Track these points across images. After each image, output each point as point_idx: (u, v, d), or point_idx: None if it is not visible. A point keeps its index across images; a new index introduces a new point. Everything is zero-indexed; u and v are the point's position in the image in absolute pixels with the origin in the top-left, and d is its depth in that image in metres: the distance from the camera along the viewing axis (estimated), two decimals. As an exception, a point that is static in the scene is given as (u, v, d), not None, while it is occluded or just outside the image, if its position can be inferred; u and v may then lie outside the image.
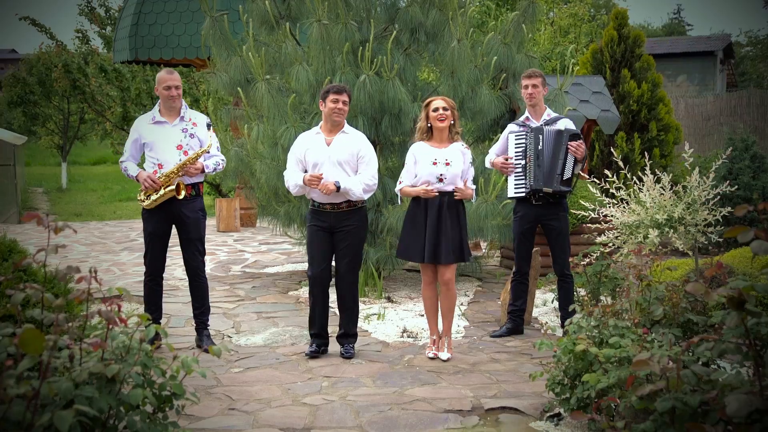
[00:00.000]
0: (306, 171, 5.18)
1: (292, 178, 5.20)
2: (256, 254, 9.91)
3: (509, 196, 5.79)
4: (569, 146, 5.54)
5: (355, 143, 5.20)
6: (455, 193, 5.13)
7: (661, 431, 2.63)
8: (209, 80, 8.08)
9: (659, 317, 3.85)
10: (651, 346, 3.26)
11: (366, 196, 5.22)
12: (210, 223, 13.29)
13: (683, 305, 3.85)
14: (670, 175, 5.61)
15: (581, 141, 5.59)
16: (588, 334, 3.74)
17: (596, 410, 3.11)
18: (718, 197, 5.34)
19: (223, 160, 5.51)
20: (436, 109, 5.15)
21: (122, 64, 12.90)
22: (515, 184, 5.68)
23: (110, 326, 2.45)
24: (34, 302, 2.32)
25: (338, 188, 5.03)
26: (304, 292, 7.30)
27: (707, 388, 2.60)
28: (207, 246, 10.56)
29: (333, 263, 5.36)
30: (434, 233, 5.11)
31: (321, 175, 5.04)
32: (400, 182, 5.27)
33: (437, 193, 5.10)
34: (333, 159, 5.11)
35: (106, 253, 10.08)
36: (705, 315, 3.88)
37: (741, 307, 2.34)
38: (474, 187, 5.32)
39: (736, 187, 6.50)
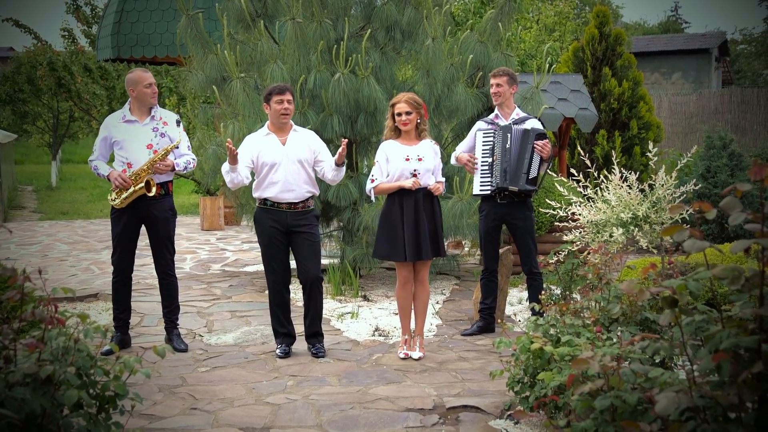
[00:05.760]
0: (253, 172, 5.18)
1: (223, 168, 5.10)
2: (238, 253, 9.90)
3: (474, 193, 5.80)
4: (535, 145, 5.56)
5: (309, 140, 5.26)
6: (429, 188, 5.14)
7: (602, 429, 2.64)
8: (186, 78, 8.06)
9: (617, 315, 3.87)
10: (601, 344, 3.27)
11: (337, 181, 5.32)
12: (194, 221, 13.26)
13: (640, 303, 3.86)
14: (638, 173, 5.63)
15: (547, 140, 5.62)
16: (544, 332, 3.76)
17: (538, 408, 3.12)
18: (685, 196, 5.36)
19: (194, 158, 5.49)
20: (399, 114, 5.13)
21: (106, 62, 12.85)
22: (481, 182, 5.70)
23: (47, 326, 2.45)
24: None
25: (343, 163, 5.12)
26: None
27: (647, 387, 2.61)
28: (190, 244, 10.70)
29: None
30: (413, 230, 5.09)
31: (235, 150, 4.92)
32: (373, 180, 5.19)
33: (420, 184, 5.09)
34: (292, 157, 5.11)
35: (88, 251, 10.05)
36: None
37: (674, 305, 2.35)
38: (443, 179, 5.33)
39: (700, 186, 6.52)
